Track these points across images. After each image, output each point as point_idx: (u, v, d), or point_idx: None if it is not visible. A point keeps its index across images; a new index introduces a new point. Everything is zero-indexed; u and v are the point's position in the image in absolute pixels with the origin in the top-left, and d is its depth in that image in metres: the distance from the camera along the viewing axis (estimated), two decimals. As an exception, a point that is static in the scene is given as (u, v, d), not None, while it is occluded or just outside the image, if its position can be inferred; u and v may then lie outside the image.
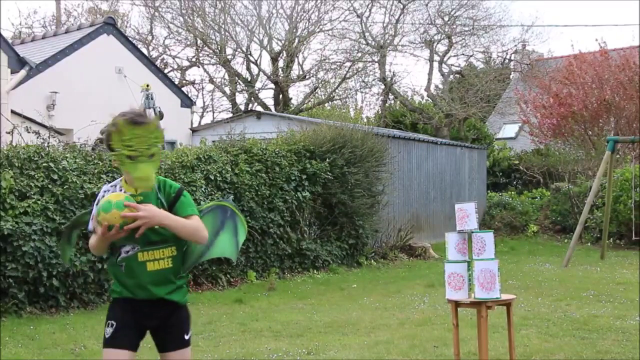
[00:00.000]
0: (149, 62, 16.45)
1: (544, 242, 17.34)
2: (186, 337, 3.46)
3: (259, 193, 11.31)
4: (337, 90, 25.49)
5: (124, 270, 3.33)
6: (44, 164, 8.71)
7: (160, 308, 3.38)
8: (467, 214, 5.38)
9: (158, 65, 18.63)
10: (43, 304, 8.45)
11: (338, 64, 24.45)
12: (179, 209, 3.33)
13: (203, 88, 28.33)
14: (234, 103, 26.12)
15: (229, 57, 23.90)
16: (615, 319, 7.81)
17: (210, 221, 3.50)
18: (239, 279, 10.93)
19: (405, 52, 25.75)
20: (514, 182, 22.69)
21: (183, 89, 20.58)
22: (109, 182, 3.27)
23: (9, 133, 9.42)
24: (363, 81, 26.25)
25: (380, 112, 26.97)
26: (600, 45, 21.87)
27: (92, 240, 3.33)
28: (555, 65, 24.89)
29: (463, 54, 26.79)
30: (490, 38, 25.66)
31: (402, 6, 23.87)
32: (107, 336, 3.36)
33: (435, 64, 25.65)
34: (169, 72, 24.46)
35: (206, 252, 3.48)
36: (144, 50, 21.96)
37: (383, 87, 25.91)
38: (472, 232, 5.34)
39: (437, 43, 25.42)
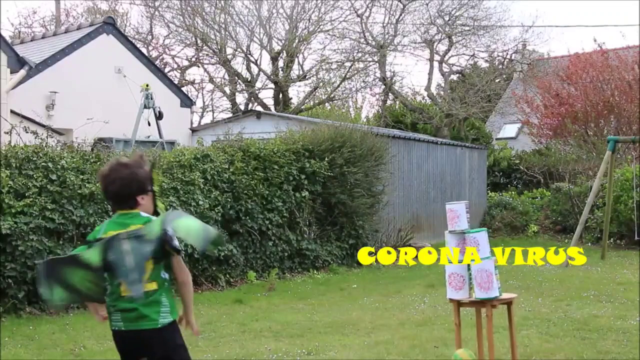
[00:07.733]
0: (148, 61, 16.41)
1: (544, 242, 17.29)
2: None
3: (257, 192, 11.26)
4: (337, 90, 25.45)
5: None
6: (43, 164, 8.69)
7: None
8: (457, 214, 5.35)
9: (158, 65, 18.59)
10: (42, 304, 8.40)
11: (338, 63, 24.41)
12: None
13: (203, 88, 28.29)
14: (233, 103, 26.07)
15: (229, 56, 23.85)
16: (616, 319, 7.80)
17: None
18: (238, 279, 10.91)
19: (406, 52, 25.73)
20: (515, 182, 22.65)
21: (183, 88, 20.55)
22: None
23: (7, 133, 9.40)
24: (363, 81, 26.21)
25: (380, 112, 26.93)
26: (600, 46, 21.84)
27: None
28: (555, 65, 24.85)
29: (464, 54, 26.80)
30: (491, 38, 25.65)
31: (402, 6, 23.82)
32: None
33: (436, 64, 25.62)
34: (168, 71, 24.42)
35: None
36: (144, 50, 21.90)
37: (383, 87, 25.87)
38: (464, 232, 5.31)
39: (438, 43, 25.39)
